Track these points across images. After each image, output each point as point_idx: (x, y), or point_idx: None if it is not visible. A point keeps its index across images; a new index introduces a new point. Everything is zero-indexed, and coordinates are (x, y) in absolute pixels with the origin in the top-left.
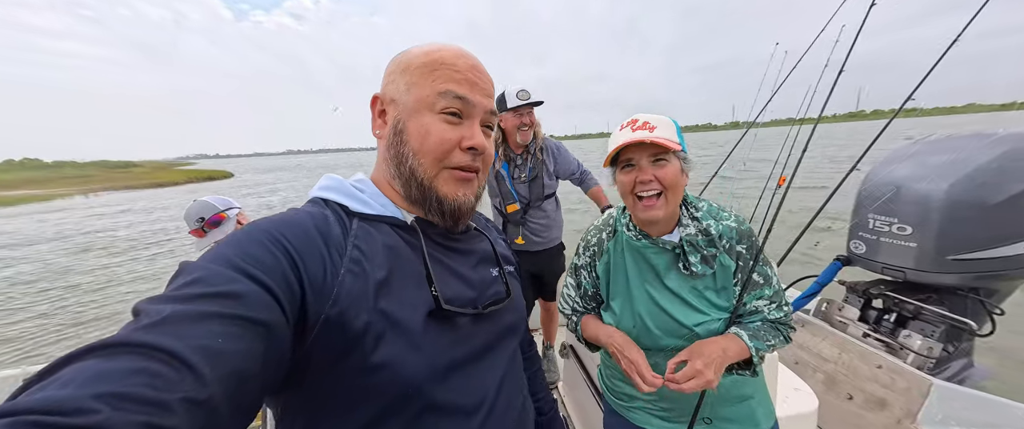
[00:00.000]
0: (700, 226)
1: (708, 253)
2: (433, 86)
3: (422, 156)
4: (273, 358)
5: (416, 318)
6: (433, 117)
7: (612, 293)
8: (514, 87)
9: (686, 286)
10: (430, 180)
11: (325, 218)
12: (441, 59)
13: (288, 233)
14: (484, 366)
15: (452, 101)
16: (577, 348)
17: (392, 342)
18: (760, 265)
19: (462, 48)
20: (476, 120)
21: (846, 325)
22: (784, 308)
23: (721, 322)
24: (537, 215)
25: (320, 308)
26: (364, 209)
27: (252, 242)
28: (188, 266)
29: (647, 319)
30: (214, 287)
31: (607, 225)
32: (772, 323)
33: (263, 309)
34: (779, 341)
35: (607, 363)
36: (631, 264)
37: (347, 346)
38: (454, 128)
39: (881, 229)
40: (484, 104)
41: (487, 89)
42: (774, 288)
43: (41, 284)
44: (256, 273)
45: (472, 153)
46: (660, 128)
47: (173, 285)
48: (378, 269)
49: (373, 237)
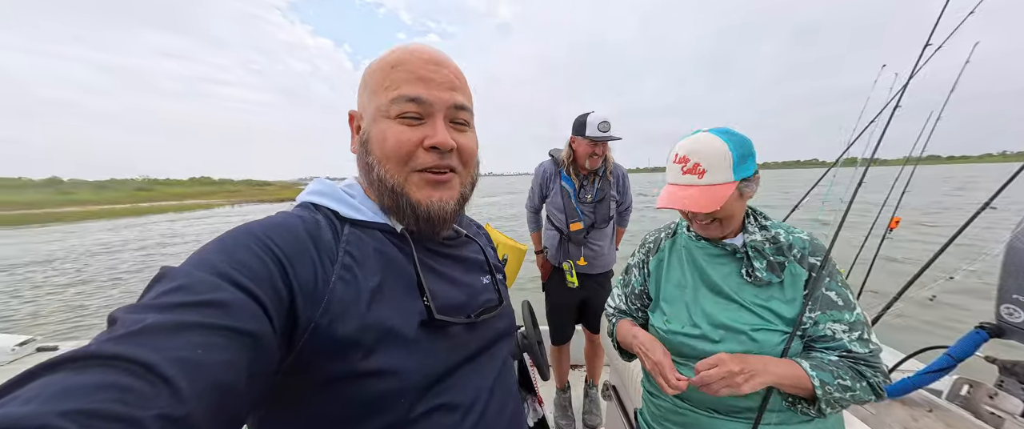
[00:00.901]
0: (768, 234)
1: (775, 260)
2: (386, 92)
3: (385, 162)
4: (259, 370)
5: (409, 327)
6: (389, 123)
7: (663, 293)
8: (597, 116)
9: (748, 292)
10: (400, 186)
11: (316, 223)
12: (393, 62)
13: (278, 238)
14: (476, 372)
15: (405, 105)
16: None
17: (384, 351)
18: (837, 284)
19: (423, 47)
20: (438, 117)
21: (1002, 420)
22: (870, 344)
23: (783, 336)
24: (597, 237)
25: (310, 316)
26: (355, 215)
27: (239, 246)
28: (170, 272)
29: (701, 322)
30: (197, 295)
31: (668, 227)
32: (851, 359)
33: (249, 318)
34: (861, 388)
35: (649, 400)
36: (688, 265)
37: (337, 355)
38: (414, 129)
39: None
40: (444, 99)
41: (449, 81)
42: (856, 316)
43: None
44: (242, 280)
45: (437, 152)
46: (712, 171)
47: (153, 292)
48: (370, 276)
49: (365, 243)
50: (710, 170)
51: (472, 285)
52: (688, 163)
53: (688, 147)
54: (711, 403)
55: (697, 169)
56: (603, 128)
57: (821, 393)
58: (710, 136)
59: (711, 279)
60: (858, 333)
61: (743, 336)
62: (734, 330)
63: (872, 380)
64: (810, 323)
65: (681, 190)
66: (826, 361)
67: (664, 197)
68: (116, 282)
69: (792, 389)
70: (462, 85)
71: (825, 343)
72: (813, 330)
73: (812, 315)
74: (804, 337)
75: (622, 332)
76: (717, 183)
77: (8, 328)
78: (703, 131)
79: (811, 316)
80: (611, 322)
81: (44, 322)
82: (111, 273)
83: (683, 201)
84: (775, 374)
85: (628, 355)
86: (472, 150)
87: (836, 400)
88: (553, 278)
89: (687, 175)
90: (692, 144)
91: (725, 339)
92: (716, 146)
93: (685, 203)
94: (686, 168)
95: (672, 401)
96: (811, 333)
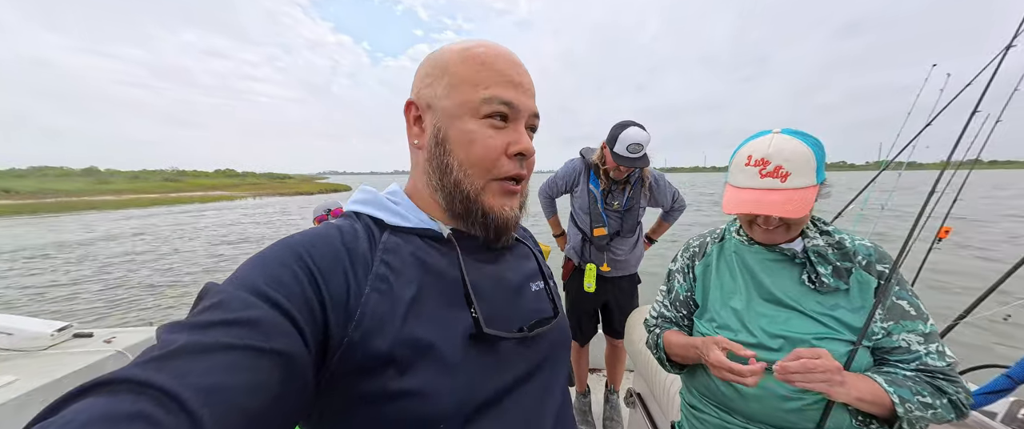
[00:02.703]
0: (831, 239)
1: (842, 266)
2: (475, 90)
3: (469, 167)
4: (291, 389)
5: (452, 341)
6: (477, 123)
7: (711, 300)
8: (631, 134)
9: (810, 300)
10: (477, 193)
11: (354, 232)
12: (481, 59)
13: (314, 251)
14: (530, 397)
15: (498, 106)
16: (645, 397)
17: (423, 368)
18: (908, 293)
19: (500, 45)
20: (522, 123)
21: None
22: (947, 357)
23: (848, 347)
24: (621, 244)
25: (343, 331)
26: (398, 221)
27: (276, 262)
28: (211, 288)
29: (756, 330)
30: (230, 313)
31: (714, 232)
32: (929, 375)
33: (279, 337)
34: (942, 406)
35: (691, 413)
36: (739, 270)
37: (370, 373)
38: (500, 133)
39: None
40: (529, 106)
41: (530, 88)
42: (931, 327)
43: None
44: (276, 297)
45: (520, 159)
46: (796, 174)
47: (194, 309)
48: (408, 286)
49: (404, 251)
50: (794, 173)
51: (523, 294)
52: (768, 165)
53: (765, 149)
54: (764, 418)
55: (779, 172)
56: (633, 151)
57: (902, 411)
58: (788, 138)
59: (766, 286)
60: (935, 345)
61: (804, 346)
62: (794, 339)
63: (954, 397)
64: (883, 334)
65: (763, 194)
66: (901, 376)
67: (741, 202)
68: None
69: (870, 407)
70: (535, 92)
71: (899, 355)
72: (886, 342)
73: (885, 326)
74: (873, 349)
75: (676, 344)
76: (802, 186)
77: (54, 311)
78: (774, 132)
79: (884, 326)
80: (655, 333)
81: (79, 307)
82: (136, 259)
83: (768, 206)
84: (858, 389)
85: (677, 367)
86: (535, 159)
87: (917, 419)
88: (574, 277)
89: (767, 178)
90: (771, 147)
91: (784, 348)
92: (799, 148)
93: (771, 208)
94: (766, 171)
95: (719, 416)
96: (884, 345)
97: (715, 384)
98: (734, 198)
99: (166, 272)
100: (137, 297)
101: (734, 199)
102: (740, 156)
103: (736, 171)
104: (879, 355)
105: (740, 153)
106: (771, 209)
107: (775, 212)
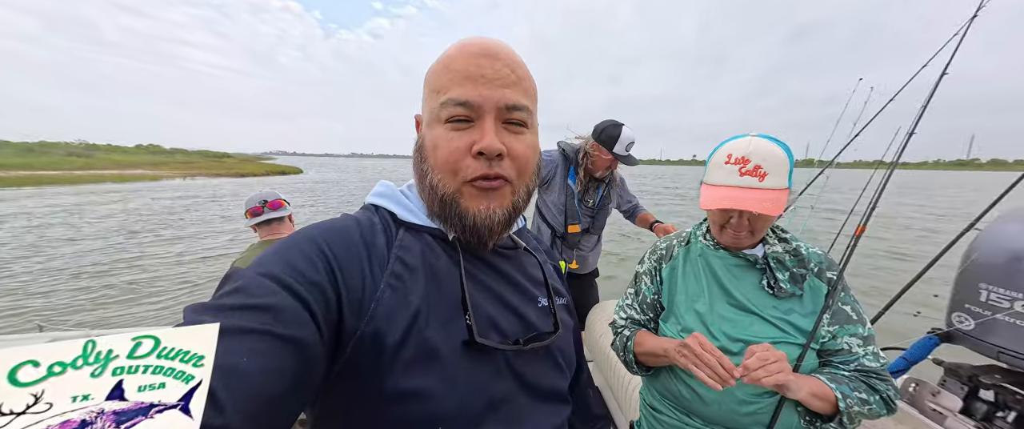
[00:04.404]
0: (789, 247)
1: (798, 272)
2: (438, 96)
3: (438, 170)
4: (305, 378)
5: (451, 347)
6: (442, 128)
7: (676, 302)
8: (629, 135)
9: (768, 305)
10: (452, 197)
11: (372, 226)
12: (445, 62)
13: (333, 242)
14: (528, 411)
15: (453, 109)
16: (602, 389)
17: (424, 371)
18: (851, 298)
19: (479, 39)
20: (487, 119)
21: (943, 416)
22: (880, 358)
23: (799, 350)
24: (587, 240)
25: (356, 324)
26: (411, 218)
27: (297, 251)
28: (235, 273)
29: (718, 333)
30: (252, 298)
31: (681, 235)
32: (866, 375)
33: (297, 325)
34: (876, 402)
35: (650, 414)
36: (705, 274)
37: (376, 369)
38: (463, 134)
39: (998, 304)
40: (494, 98)
41: (502, 76)
42: (868, 330)
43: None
44: (295, 286)
45: (485, 159)
46: (772, 174)
47: (219, 292)
48: (418, 287)
49: (417, 250)
50: (771, 174)
51: (525, 307)
52: (748, 164)
53: (746, 149)
54: (722, 421)
55: (758, 172)
56: (631, 150)
57: (843, 406)
58: (766, 140)
59: (730, 291)
60: (871, 347)
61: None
62: (753, 341)
63: (885, 394)
64: (829, 337)
65: (741, 192)
66: (841, 375)
67: (719, 198)
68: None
69: (817, 403)
70: (519, 78)
71: (842, 357)
72: (831, 344)
73: (830, 329)
74: (819, 351)
75: (648, 345)
76: (776, 188)
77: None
78: (751, 135)
79: (830, 330)
80: (624, 334)
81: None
82: None
83: (744, 202)
84: (806, 388)
85: (644, 368)
86: (527, 156)
87: (855, 414)
88: None
89: (746, 177)
90: (750, 147)
91: (743, 352)
92: (776, 151)
93: (747, 204)
94: (745, 169)
95: (678, 418)
96: (829, 347)
97: (677, 386)
98: (712, 195)
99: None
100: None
101: (712, 196)
102: (719, 155)
103: (715, 169)
104: (824, 357)
105: (719, 153)
106: (748, 205)
107: (752, 208)
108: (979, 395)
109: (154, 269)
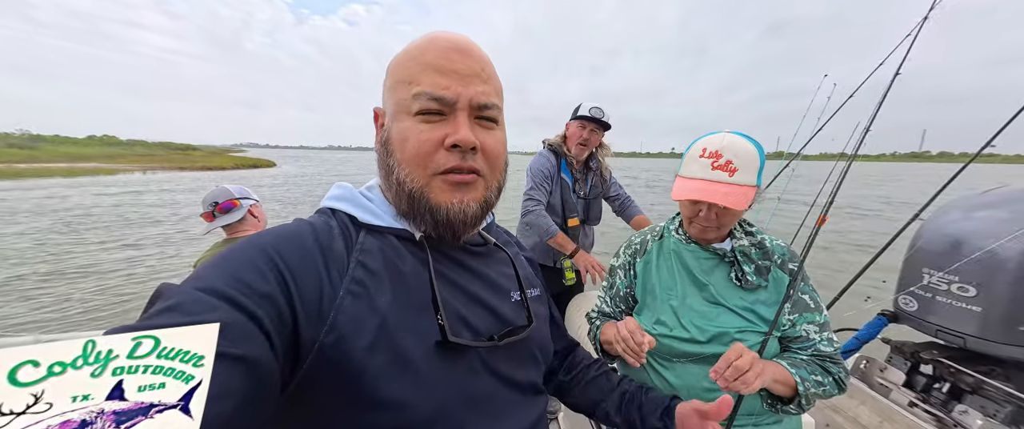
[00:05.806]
0: (754, 240)
1: (762, 264)
2: (408, 88)
3: (406, 164)
4: (258, 397)
5: (422, 350)
6: (411, 120)
7: (650, 295)
8: (592, 102)
9: (735, 296)
10: (420, 191)
11: (329, 231)
12: (413, 54)
13: (284, 250)
14: (508, 406)
15: (426, 102)
16: None
17: (396, 377)
18: (810, 287)
19: (447, 33)
20: (461, 113)
21: (889, 389)
22: (834, 343)
23: (761, 337)
24: (586, 234)
25: (314, 335)
26: (373, 220)
27: (243, 262)
28: (167, 290)
29: (689, 325)
30: (188, 316)
31: (655, 229)
32: (820, 359)
33: (244, 342)
34: (829, 383)
35: None
36: (676, 267)
37: (344, 379)
38: (435, 127)
39: (937, 286)
40: (467, 94)
41: (474, 72)
42: (824, 317)
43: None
44: (241, 299)
45: (459, 152)
46: (742, 170)
47: (147, 312)
48: (383, 291)
49: (380, 253)
50: (741, 169)
51: (498, 302)
52: (720, 159)
53: (720, 144)
54: None
55: (729, 166)
56: (595, 112)
57: (802, 389)
58: (739, 137)
59: (701, 282)
60: (826, 333)
61: (727, 337)
62: (720, 333)
63: (837, 376)
64: (789, 325)
65: (710, 185)
66: (799, 359)
67: (690, 189)
68: None
69: (779, 387)
70: (489, 76)
71: (800, 343)
72: (791, 331)
73: (791, 317)
74: (780, 338)
75: (606, 334)
76: (745, 184)
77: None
78: (726, 132)
79: (790, 318)
80: (595, 326)
81: None
82: None
83: (712, 194)
84: (771, 374)
85: (610, 358)
86: (498, 151)
87: (812, 395)
88: (551, 278)
89: (717, 171)
90: (724, 142)
91: (712, 341)
92: (748, 148)
93: (715, 197)
94: (718, 164)
95: None
96: (789, 334)
97: (647, 375)
98: (683, 187)
99: None
100: None
101: (683, 187)
102: (694, 149)
103: (690, 162)
104: (784, 343)
105: (694, 147)
106: (715, 197)
107: (719, 201)
108: (920, 370)
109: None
